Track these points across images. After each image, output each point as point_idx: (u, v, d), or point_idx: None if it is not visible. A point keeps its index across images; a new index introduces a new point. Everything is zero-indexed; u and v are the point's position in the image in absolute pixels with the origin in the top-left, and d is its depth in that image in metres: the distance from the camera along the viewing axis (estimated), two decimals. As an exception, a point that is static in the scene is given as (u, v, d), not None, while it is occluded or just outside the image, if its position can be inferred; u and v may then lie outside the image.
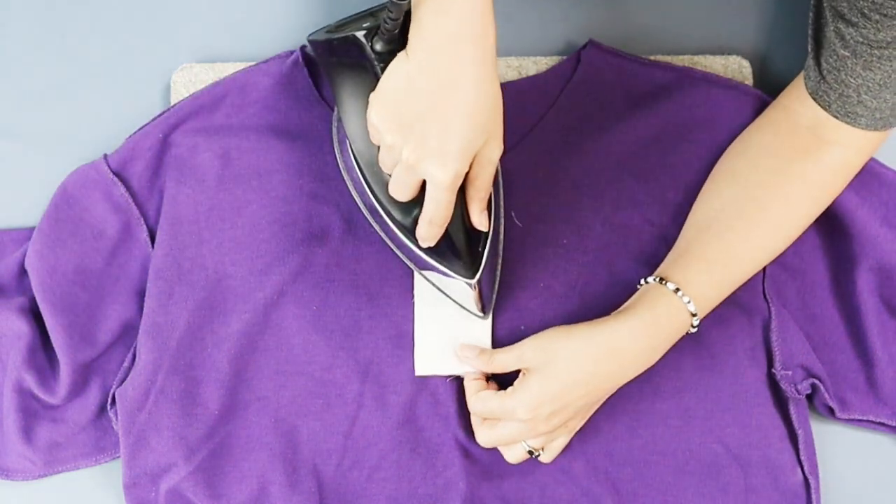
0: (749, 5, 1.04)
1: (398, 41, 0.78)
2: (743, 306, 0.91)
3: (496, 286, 0.90)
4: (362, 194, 0.87)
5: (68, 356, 0.91)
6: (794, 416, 0.89)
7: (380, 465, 0.89)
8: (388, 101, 0.77)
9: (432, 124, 0.75)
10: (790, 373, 0.89)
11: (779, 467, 0.88)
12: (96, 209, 0.94)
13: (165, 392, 0.89)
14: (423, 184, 0.79)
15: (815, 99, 0.86)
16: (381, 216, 0.85)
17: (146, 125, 0.97)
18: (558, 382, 0.83)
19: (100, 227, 0.94)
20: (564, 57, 1.00)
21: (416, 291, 0.92)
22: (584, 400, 0.84)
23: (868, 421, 0.92)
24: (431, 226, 0.80)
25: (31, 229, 0.96)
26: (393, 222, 0.84)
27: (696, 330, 0.86)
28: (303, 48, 0.99)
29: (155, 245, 0.93)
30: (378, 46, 0.79)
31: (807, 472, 0.89)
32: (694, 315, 0.85)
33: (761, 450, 0.89)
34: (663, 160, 0.95)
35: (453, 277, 0.85)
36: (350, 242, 0.93)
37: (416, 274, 0.92)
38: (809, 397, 0.91)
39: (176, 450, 0.88)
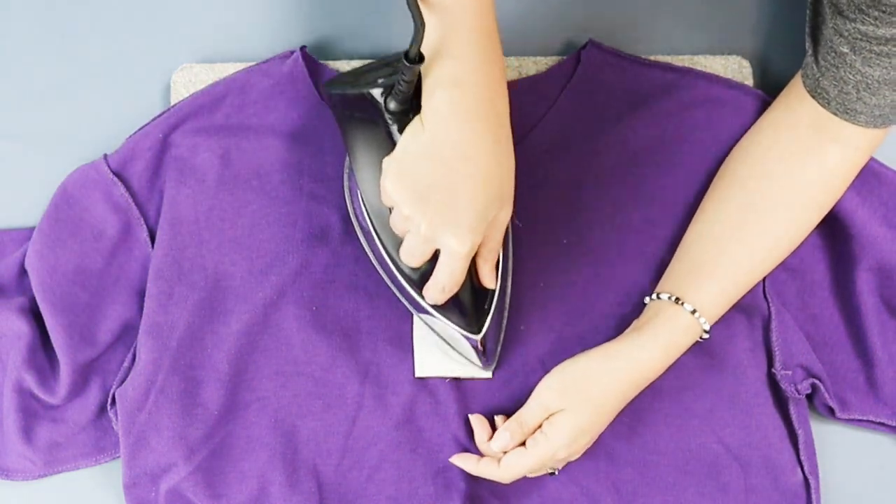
0: (749, 5, 1.04)
1: (412, 102, 0.78)
2: (743, 306, 0.90)
3: (501, 339, 0.90)
4: (371, 244, 0.88)
5: (68, 356, 0.91)
6: (794, 416, 0.89)
7: (380, 465, 0.89)
8: (404, 171, 0.77)
9: (448, 196, 0.76)
10: (790, 373, 0.89)
11: (779, 467, 0.88)
12: (96, 209, 0.94)
13: (165, 392, 0.89)
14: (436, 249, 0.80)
15: (814, 97, 0.86)
16: (389, 268, 0.86)
17: (146, 125, 0.97)
18: (592, 418, 0.84)
19: (100, 227, 0.94)
20: (564, 57, 1.00)
21: None
22: (610, 421, 0.86)
23: (868, 421, 0.92)
24: (443, 293, 0.81)
25: (31, 229, 0.96)
26: (402, 275, 0.85)
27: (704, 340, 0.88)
28: (303, 48, 0.99)
29: (155, 245, 0.93)
30: (392, 106, 0.79)
31: (807, 472, 0.89)
32: (706, 331, 0.87)
33: (761, 450, 0.89)
34: (663, 160, 0.95)
35: (458, 332, 0.86)
36: (350, 242, 0.93)
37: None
38: (809, 397, 0.91)
39: (176, 450, 0.88)
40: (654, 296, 0.88)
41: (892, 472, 0.93)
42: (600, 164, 0.95)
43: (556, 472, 0.88)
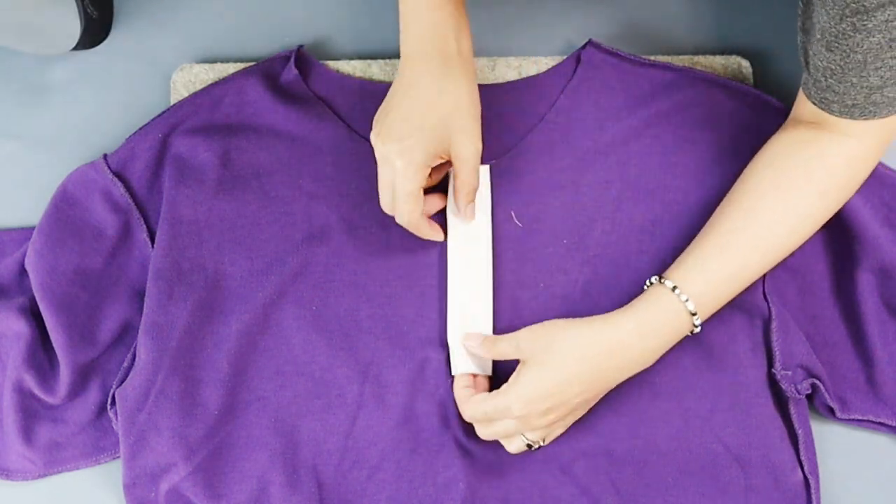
0: (749, 5, 1.04)
1: None
2: (743, 306, 0.90)
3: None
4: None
5: (68, 356, 0.91)
6: (794, 416, 0.89)
7: (380, 465, 0.89)
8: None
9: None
10: (790, 373, 0.89)
11: (779, 467, 0.88)
12: (96, 209, 0.94)
13: (165, 392, 0.89)
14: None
15: (803, 90, 0.85)
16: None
17: (146, 125, 0.97)
18: (552, 379, 0.82)
19: (99, 227, 0.94)
20: (564, 57, 1.00)
21: (449, 300, 0.92)
22: (579, 398, 0.84)
23: (868, 421, 0.92)
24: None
25: (31, 229, 0.97)
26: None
27: (698, 330, 0.85)
28: (299, 48, 0.99)
29: (154, 245, 0.93)
30: None
31: (807, 472, 0.89)
32: (694, 314, 0.84)
33: (761, 450, 0.89)
34: (663, 160, 0.95)
35: None
36: (350, 242, 0.93)
37: (450, 282, 0.92)
38: (809, 397, 0.91)
39: (176, 450, 0.88)
40: (648, 280, 0.87)
41: (892, 472, 0.93)
42: (600, 163, 0.95)
43: (537, 447, 0.87)
